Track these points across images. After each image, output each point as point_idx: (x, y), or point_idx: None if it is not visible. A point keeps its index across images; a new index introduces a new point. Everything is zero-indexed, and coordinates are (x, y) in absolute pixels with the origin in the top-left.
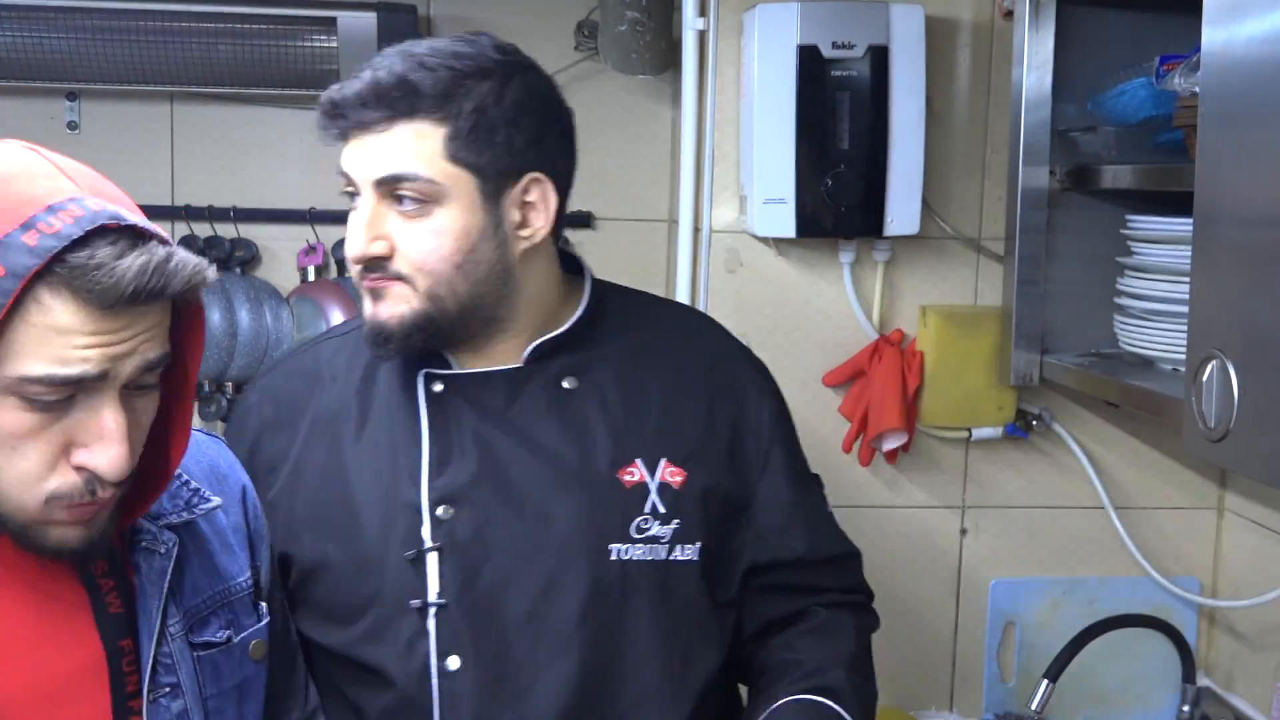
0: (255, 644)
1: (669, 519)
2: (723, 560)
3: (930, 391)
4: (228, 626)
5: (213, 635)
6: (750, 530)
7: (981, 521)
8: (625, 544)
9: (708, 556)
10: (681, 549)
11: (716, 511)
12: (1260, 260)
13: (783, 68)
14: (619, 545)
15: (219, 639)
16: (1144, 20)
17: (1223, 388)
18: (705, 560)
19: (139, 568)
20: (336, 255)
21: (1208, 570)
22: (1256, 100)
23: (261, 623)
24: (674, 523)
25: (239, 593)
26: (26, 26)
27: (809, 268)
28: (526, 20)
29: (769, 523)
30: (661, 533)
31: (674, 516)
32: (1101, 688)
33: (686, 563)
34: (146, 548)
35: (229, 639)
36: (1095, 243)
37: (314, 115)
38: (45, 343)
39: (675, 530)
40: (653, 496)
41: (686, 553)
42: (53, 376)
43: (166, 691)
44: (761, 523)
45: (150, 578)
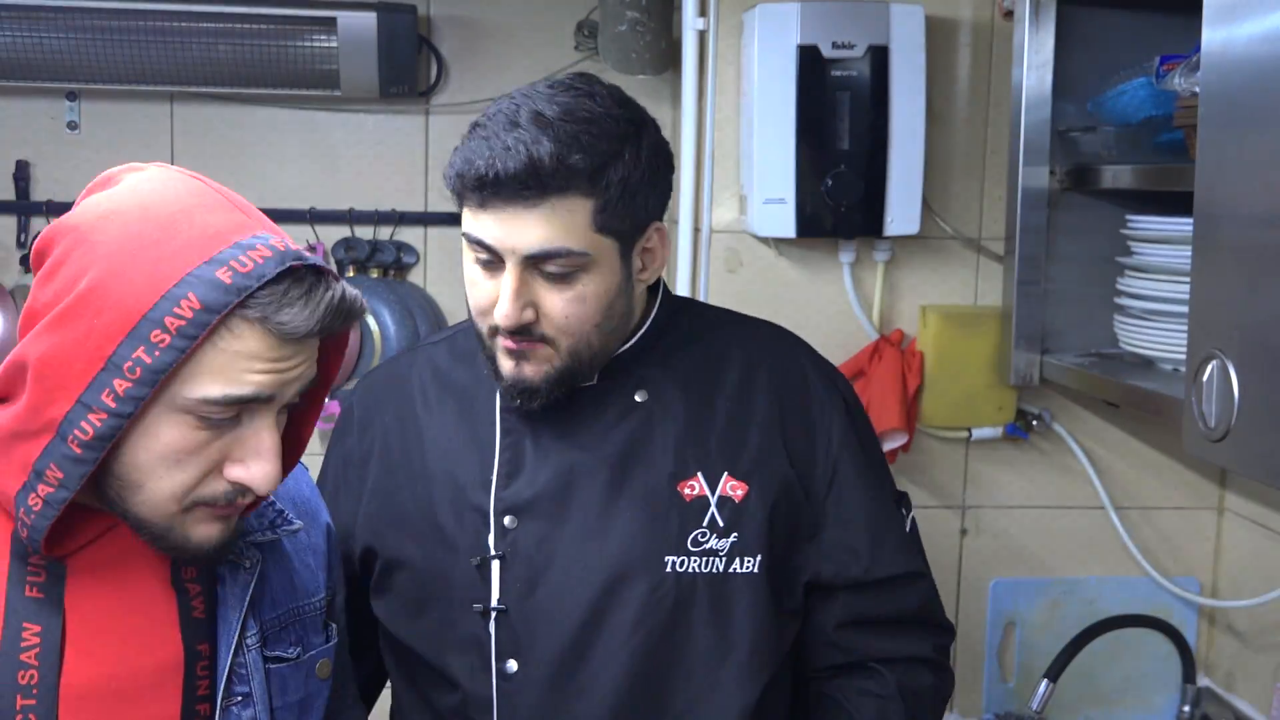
0: (322, 663)
1: (728, 532)
2: (787, 572)
3: (930, 391)
4: (298, 643)
5: (285, 650)
6: (814, 544)
7: (981, 521)
8: (681, 556)
9: (772, 568)
10: (741, 561)
11: (781, 524)
12: (1260, 260)
13: (783, 68)
14: (674, 558)
15: (290, 654)
16: (1144, 20)
17: (1223, 388)
18: (769, 572)
19: (223, 579)
20: (336, 255)
21: (1208, 570)
22: (1256, 100)
23: (329, 644)
24: (733, 536)
25: (311, 612)
26: (26, 26)
27: (809, 268)
28: (526, 20)
29: (832, 537)
30: (719, 546)
31: (733, 530)
32: (1101, 688)
33: (746, 575)
34: (233, 561)
35: (299, 655)
36: (1095, 243)
37: (451, 178)
38: (230, 367)
39: (734, 543)
40: (712, 510)
41: (746, 565)
42: (229, 397)
43: (239, 700)
44: (825, 537)
45: (233, 589)
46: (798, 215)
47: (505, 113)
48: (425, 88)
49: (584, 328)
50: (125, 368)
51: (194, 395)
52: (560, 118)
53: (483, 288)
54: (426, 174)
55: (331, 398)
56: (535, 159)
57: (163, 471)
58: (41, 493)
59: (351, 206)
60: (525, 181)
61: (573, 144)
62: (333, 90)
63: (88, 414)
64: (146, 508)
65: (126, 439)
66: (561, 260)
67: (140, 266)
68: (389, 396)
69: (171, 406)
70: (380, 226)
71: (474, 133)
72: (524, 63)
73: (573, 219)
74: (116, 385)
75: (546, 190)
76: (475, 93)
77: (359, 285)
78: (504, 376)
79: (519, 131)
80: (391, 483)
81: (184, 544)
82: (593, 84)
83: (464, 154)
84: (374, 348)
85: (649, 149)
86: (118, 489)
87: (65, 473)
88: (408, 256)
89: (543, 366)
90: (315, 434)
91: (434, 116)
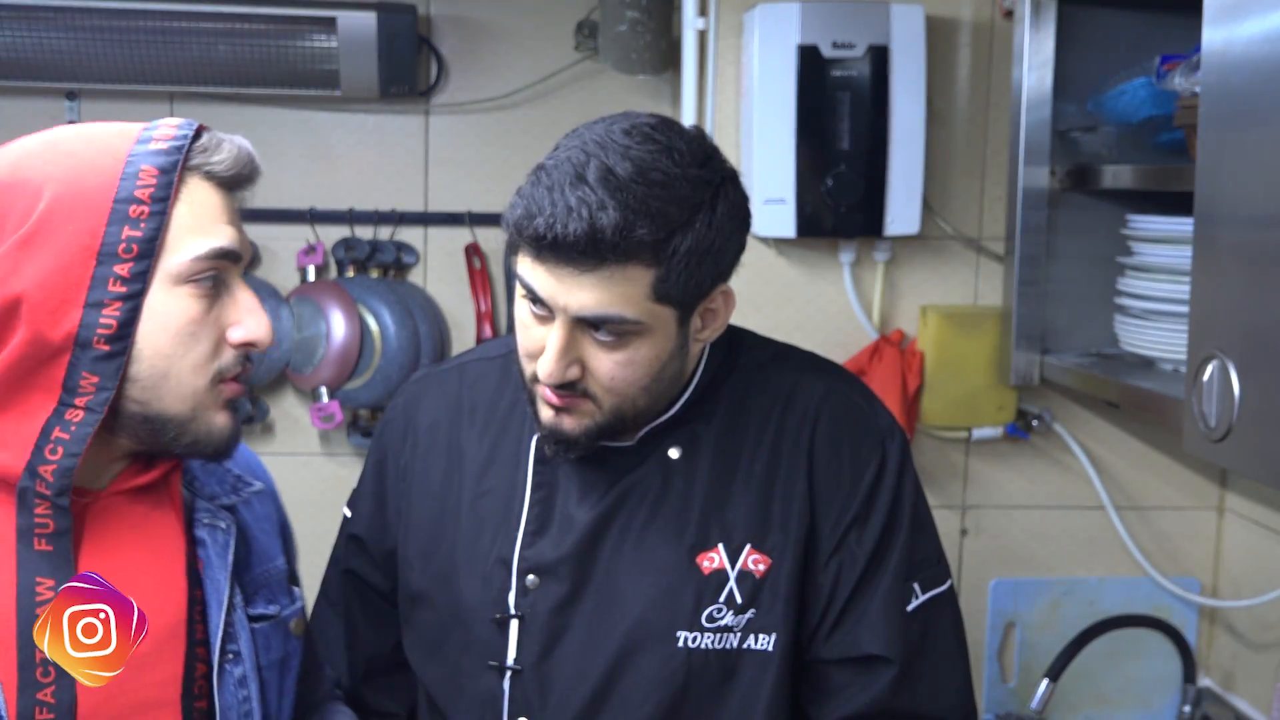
0: (295, 621)
1: (745, 608)
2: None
3: (930, 391)
4: (272, 603)
5: (266, 608)
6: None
7: (981, 521)
8: (694, 632)
9: (790, 645)
10: (756, 639)
11: (805, 599)
12: (1260, 260)
13: (783, 68)
14: (687, 633)
15: (270, 612)
16: (1144, 20)
17: (1223, 388)
18: (787, 649)
19: (204, 542)
20: (336, 255)
21: (1208, 570)
22: (1256, 100)
23: (297, 604)
24: (750, 612)
25: (277, 575)
26: (26, 26)
27: (809, 268)
28: (526, 20)
29: (825, 613)
30: (734, 622)
31: (751, 605)
32: (1101, 688)
33: (761, 652)
34: (209, 524)
35: (278, 613)
36: (1095, 243)
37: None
38: (201, 221)
39: (749, 620)
40: (730, 585)
41: (761, 642)
42: (214, 250)
43: (230, 658)
44: (816, 611)
45: (216, 550)
46: (798, 215)
47: (574, 163)
48: (425, 88)
49: (630, 390)
50: (120, 250)
51: (185, 258)
52: (632, 179)
53: (532, 333)
54: (426, 174)
55: (331, 398)
56: (597, 227)
57: (183, 350)
58: (80, 404)
59: (351, 206)
60: (584, 249)
61: (640, 212)
62: (333, 90)
63: (102, 311)
64: (175, 395)
65: (141, 332)
66: (614, 326)
67: (85, 168)
68: (439, 412)
69: (169, 281)
70: (380, 226)
71: (538, 179)
72: (524, 63)
73: (630, 288)
74: (118, 270)
75: (605, 260)
76: (475, 93)
77: (359, 285)
78: (543, 424)
79: (584, 190)
80: (423, 510)
81: (206, 434)
82: (674, 136)
83: (525, 204)
84: (374, 347)
85: (725, 212)
86: (141, 393)
87: (100, 374)
88: (408, 256)
89: (583, 421)
90: (315, 436)
91: (434, 116)
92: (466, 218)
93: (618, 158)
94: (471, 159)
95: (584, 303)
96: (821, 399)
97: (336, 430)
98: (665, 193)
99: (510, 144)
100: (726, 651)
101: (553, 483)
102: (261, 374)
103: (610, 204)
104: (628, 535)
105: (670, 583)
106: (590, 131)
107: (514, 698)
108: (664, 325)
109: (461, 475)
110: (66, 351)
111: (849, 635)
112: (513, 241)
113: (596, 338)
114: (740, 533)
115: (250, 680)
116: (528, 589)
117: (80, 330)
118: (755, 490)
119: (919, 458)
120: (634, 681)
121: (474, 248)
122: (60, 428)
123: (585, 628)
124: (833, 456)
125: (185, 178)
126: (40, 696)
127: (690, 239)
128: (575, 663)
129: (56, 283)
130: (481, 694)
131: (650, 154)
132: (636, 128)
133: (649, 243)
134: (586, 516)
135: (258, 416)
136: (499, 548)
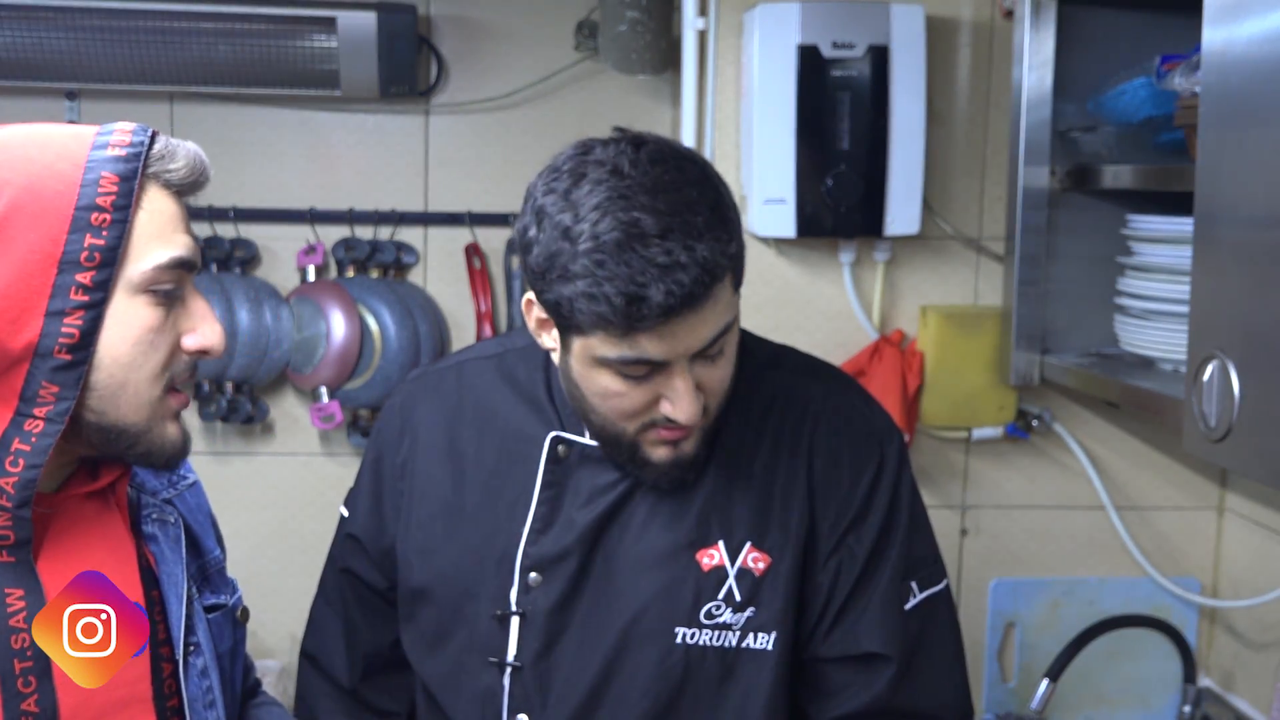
0: (241, 610)
1: (744, 606)
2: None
3: (930, 391)
4: (218, 593)
5: (215, 599)
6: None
7: (981, 521)
8: (692, 628)
9: (790, 644)
10: (755, 637)
11: (804, 599)
12: (1260, 260)
13: (783, 68)
14: (685, 629)
15: (221, 601)
16: (1144, 20)
17: (1223, 388)
18: (786, 649)
19: (155, 537)
20: (336, 255)
21: (1208, 570)
22: (1256, 100)
23: (237, 594)
24: (749, 610)
25: (216, 566)
26: (26, 26)
27: (809, 268)
28: (526, 20)
29: (824, 612)
30: (733, 620)
31: (750, 604)
32: (1101, 688)
33: (760, 651)
34: (158, 519)
35: (226, 602)
36: (1095, 243)
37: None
38: (161, 231)
39: (749, 618)
40: (730, 582)
41: (760, 641)
42: (174, 259)
43: (192, 649)
44: (817, 616)
45: (167, 544)
46: (798, 215)
47: (619, 222)
48: (425, 88)
49: (728, 385)
50: (82, 258)
51: (147, 267)
52: (678, 207)
53: (631, 398)
54: (426, 174)
55: (331, 398)
56: (706, 265)
57: (141, 359)
58: (39, 414)
59: (351, 206)
60: (703, 290)
61: (711, 228)
62: (333, 90)
63: (63, 320)
64: (132, 405)
65: (103, 341)
66: (722, 339)
67: (43, 174)
68: (437, 411)
69: (129, 289)
70: (380, 226)
71: (587, 259)
72: (524, 62)
73: (725, 295)
74: (79, 278)
75: (712, 288)
76: (475, 93)
77: (359, 285)
78: (656, 463)
79: (661, 242)
80: (424, 509)
81: (160, 444)
82: (652, 151)
83: (614, 287)
84: (374, 347)
85: (720, 180)
86: (99, 402)
87: (60, 384)
88: (408, 256)
89: (697, 436)
90: (315, 436)
91: (434, 116)
92: (466, 218)
93: (648, 196)
94: (471, 159)
95: (705, 334)
96: (821, 401)
97: (336, 430)
98: (704, 198)
99: (510, 144)
100: (725, 650)
101: (562, 483)
102: (261, 374)
103: (692, 239)
104: (628, 532)
105: (670, 578)
106: (583, 189)
107: (514, 694)
108: (737, 310)
109: (462, 473)
110: (25, 361)
111: (848, 634)
112: (604, 327)
113: (708, 355)
114: (740, 530)
115: (211, 670)
116: (530, 586)
117: (41, 339)
118: (756, 489)
119: (919, 458)
120: (632, 677)
121: (474, 248)
122: (20, 439)
123: (585, 624)
124: (831, 458)
125: (145, 185)
126: (25, 707)
127: (737, 221)
128: (575, 658)
129: (17, 291)
130: (481, 690)
131: (664, 178)
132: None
133: (734, 251)
134: (590, 515)
135: (258, 416)
136: (503, 545)
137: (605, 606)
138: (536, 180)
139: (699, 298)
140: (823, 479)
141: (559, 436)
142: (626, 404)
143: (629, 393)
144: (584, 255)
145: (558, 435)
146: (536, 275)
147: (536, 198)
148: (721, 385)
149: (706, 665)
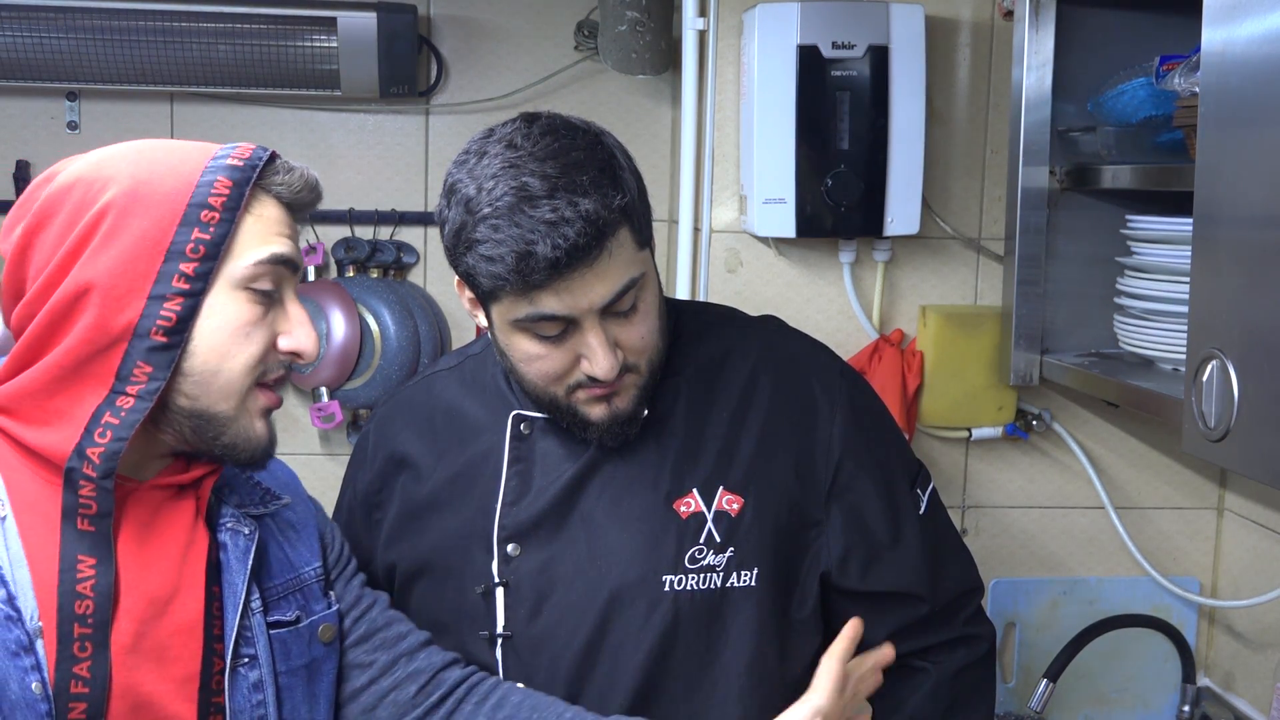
0: (324, 627)
1: (724, 547)
2: (797, 578)
3: (930, 391)
4: (299, 610)
5: (285, 614)
6: (822, 544)
7: (981, 521)
8: (679, 574)
9: (776, 580)
10: (738, 576)
11: (785, 534)
12: (1260, 260)
13: (783, 68)
14: (672, 576)
15: (289, 618)
16: (1144, 20)
17: (1223, 388)
18: (771, 585)
19: (225, 545)
20: (336, 255)
21: (1208, 570)
22: (1256, 100)
23: (331, 609)
24: (729, 550)
25: (310, 579)
26: (26, 26)
27: (809, 268)
28: (526, 20)
29: (842, 537)
30: (716, 562)
31: (729, 544)
32: (1101, 688)
33: (744, 589)
34: (232, 529)
35: (298, 619)
36: (1095, 243)
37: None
38: (264, 233)
39: (730, 558)
40: (709, 526)
41: (744, 579)
42: (274, 256)
43: (245, 662)
44: (832, 537)
45: (236, 555)
46: (798, 215)
47: (510, 189)
48: (425, 88)
49: (655, 338)
50: (188, 249)
51: (247, 263)
52: (568, 168)
53: (549, 360)
54: (426, 174)
55: (331, 398)
56: (590, 218)
57: (236, 349)
58: (131, 392)
59: (351, 206)
60: (590, 243)
61: (599, 185)
62: (333, 90)
63: (163, 304)
64: (222, 393)
65: (199, 330)
66: (630, 293)
67: (164, 173)
68: (407, 424)
69: (229, 284)
70: (380, 226)
71: (484, 225)
72: (524, 62)
73: (624, 251)
74: (184, 268)
75: (604, 241)
76: (475, 93)
77: (359, 285)
78: (595, 422)
79: (549, 202)
80: (406, 512)
81: (245, 437)
82: (542, 125)
83: (506, 247)
84: (374, 347)
85: (617, 145)
86: (192, 388)
87: (154, 364)
88: (408, 256)
89: (631, 392)
90: (315, 436)
91: (434, 116)
92: None
93: (537, 163)
94: None
95: (605, 289)
96: (774, 349)
97: (336, 430)
98: (593, 159)
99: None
100: (711, 591)
101: (528, 457)
102: None
103: (577, 196)
104: (605, 491)
105: (652, 530)
106: (484, 163)
107: (507, 665)
108: (649, 266)
109: (435, 473)
110: (124, 340)
111: (890, 568)
112: (503, 287)
113: (617, 312)
114: (712, 476)
115: (266, 685)
116: (509, 556)
117: (141, 320)
118: (722, 437)
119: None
120: (624, 631)
121: None
122: (110, 413)
123: (570, 587)
124: (789, 400)
125: (256, 193)
126: (77, 670)
127: (632, 181)
128: (564, 619)
129: (125, 273)
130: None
131: (552, 145)
132: (515, 138)
133: (622, 203)
134: (563, 479)
135: None
136: (478, 523)
137: (590, 567)
138: (451, 164)
139: (588, 249)
140: (787, 420)
141: (520, 415)
142: (549, 366)
143: (549, 354)
144: (481, 222)
145: (519, 414)
146: (449, 250)
147: (449, 178)
148: (643, 342)
149: (696, 610)
